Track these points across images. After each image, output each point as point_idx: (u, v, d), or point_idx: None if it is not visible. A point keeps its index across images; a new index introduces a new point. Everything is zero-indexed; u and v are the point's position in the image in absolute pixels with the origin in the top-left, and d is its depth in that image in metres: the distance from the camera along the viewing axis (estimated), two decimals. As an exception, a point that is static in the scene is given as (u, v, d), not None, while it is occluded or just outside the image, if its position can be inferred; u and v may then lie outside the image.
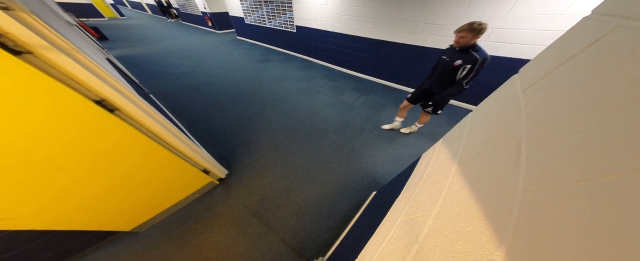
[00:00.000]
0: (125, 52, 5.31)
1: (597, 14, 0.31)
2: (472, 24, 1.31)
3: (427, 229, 0.46)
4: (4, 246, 0.98)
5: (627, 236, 0.17)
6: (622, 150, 0.19)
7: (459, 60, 1.44)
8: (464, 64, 1.42)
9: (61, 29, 1.01)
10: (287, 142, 2.33)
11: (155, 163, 1.23)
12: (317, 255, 1.35)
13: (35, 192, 0.89)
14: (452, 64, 1.48)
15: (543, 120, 0.32)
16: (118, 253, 1.34)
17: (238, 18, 6.56)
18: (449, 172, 0.54)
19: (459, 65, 1.44)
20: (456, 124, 0.73)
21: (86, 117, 0.86)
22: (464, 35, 1.36)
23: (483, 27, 1.30)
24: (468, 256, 0.32)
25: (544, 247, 0.23)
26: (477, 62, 1.36)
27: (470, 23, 1.32)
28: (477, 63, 1.36)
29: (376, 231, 0.76)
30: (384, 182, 1.83)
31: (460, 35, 1.37)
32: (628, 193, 0.18)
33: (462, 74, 1.46)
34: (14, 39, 0.64)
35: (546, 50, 0.41)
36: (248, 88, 3.59)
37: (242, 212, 1.59)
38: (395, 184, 1.11)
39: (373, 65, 3.89)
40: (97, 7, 9.47)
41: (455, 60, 1.46)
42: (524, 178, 0.30)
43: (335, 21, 3.87)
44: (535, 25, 2.14)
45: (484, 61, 1.36)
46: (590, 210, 0.20)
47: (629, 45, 0.23)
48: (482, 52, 1.37)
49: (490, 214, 0.33)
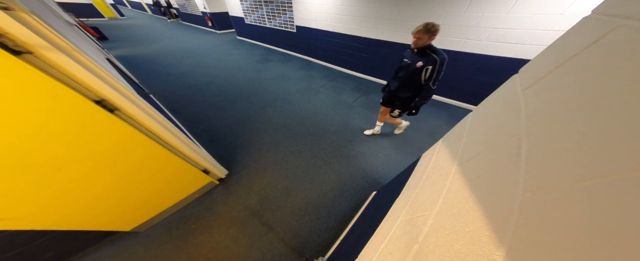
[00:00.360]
0: (125, 52, 5.31)
1: (597, 14, 0.31)
2: (428, 25, 1.34)
3: (427, 229, 0.46)
4: (4, 246, 0.98)
5: (627, 237, 0.17)
6: (622, 150, 0.19)
7: (420, 62, 1.46)
8: (425, 65, 1.45)
9: (61, 29, 1.01)
10: (287, 142, 2.33)
11: (155, 163, 1.23)
12: (317, 255, 1.35)
13: (35, 192, 0.89)
14: (414, 66, 1.50)
15: (543, 120, 0.32)
16: (118, 253, 1.34)
17: (238, 18, 6.56)
18: (449, 172, 0.54)
19: (421, 66, 1.47)
20: (456, 124, 0.73)
21: (86, 117, 0.86)
22: (421, 37, 1.38)
23: (437, 29, 1.34)
24: (468, 256, 0.32)
25: (544, 247, 0.23)
26: (437, 63, 1.40)
27: (425, 24, 1.35)
28: (438, 64, 1.40)
29: (376, 231, 0.76)
30: (384, 182, 1.83)
31: (417, 36, 1.39)
32: (628, 193, 0.18)
33: (427, 76, 1.49)
34: (14, 39, 0.64)
35: (546, 50, 0.41)
36: (248, 88, 3.59)
37: (242, 212, 1.59)
38: (395, 184, 1.11)
39: (373, 65, 3.89)
40: (97, 7, 9.47)
41: (417, 62, 1.48)
42: (524, 178, 0.30)
43: (335, 21, 3.87)
44: (535, 25, 2.14)
45: (443, 61, 1.40)
46: (590, 210, 0.20)
47: (629, 45, 0.23)
48: (440, 53, 1.41)
49: (490, 214, 0.33)
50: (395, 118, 2.09)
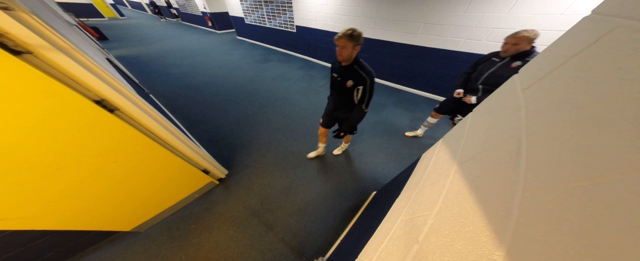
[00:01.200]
0: (125, 52, 5.31)
1: (597, 14, 0.31)
2: (352, 31, 1.04)
3: (427, 229, 0.46)
4: (4, 246, 0.99)
5: (627, 236, 0.17)
6: (622, 150, 0.19)
7: (350, 81, 1.19)
8: (356, 85, 1.19)
9: (61, 29, 1.01)
10: (287, 142, 2.33)
11: (155, 163, 1.23)
12: (317, 255, 1.35)
13: (35, 192, 0.89)
14: (344, 85, 1.23)
15: (543, 120, 0.32)
16: (118, 253, 1.34)
17: (238, 18, 6.56)
18: (449, 172, 0.54)
19: (352, 86, 1.20)
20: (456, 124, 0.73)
21: (86, 117, 0.86)
22: (345, 45, 1.06)
23: (361, 34, 1.08)
24: (468, 256, 0.32)
25: (544, 247, 0.23)
26: (367, 83, 1.16)
27: (349, 29, 1.04)
28: (368, 83, 1.16)
29: (376, 232, 0.76)
30: (384, 182, 1.83)
31: (341, 44, 1.06)
32: (628, 193, 0.18)
33: (358, 96, 1.24)
34: (14, 39, 0.64)
35: (546, 50, 0.41)
36: (248, 88, 3.59)
37: (242, 212, 1.59)
38: (395, 184, 1.11)
39: (373, 65, 3.89)
40: (97, 7, 9.48)
41: (346, 80, 1.21)
42: (524, 178, 0.30)
43: (335, 21, 3.87)
44: (535, 25, 2.13)
45: (373, 81, 1.17)
46: (590, 210, 0.20)
47: (629, 45, 0.23)
48: (368, 69, 1.15)
49: (490, 214, 0.33)
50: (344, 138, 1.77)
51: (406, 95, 3.49)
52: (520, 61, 1.39)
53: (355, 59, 1.15)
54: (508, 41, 1.37)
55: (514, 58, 1.40)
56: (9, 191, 0.82)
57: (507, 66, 1.43)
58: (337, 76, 1.26)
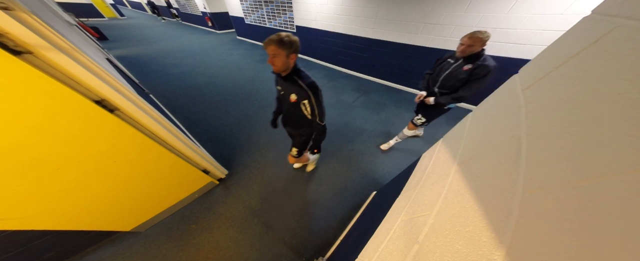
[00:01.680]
0: (125, 52, 5.31)
1: (597, 14, 0.31)
2: (279, 36, 0.87)
3: (427, 229, 0.46)
4: (4, 246, 0.99)
5: (627, 236, 0.17)
6: (622, 150, 0.19)
7: (293, 95, 1.03)
8: (300, 99, 1.03)
9: (61, 29, 1.01)
10: (287, 142, 2.32)
11: (155, 163, 1.23)
12: (317, 255, 1.35)
13: (35, 192, 0.89)
14: (288, 99, 1.06)
15: (543, 120, 0.32)
16: (118, 253, 1.34)
17: (238, 18, 6.56)
18: (449, 172, 0.54)
19: (296, 100, 1.04)
20: (456, 124, 0.73)
21: (86, 117, 0.86)
22: (276, 52, 0.88)
23: (294, 41, 0.90)
24: (468, 256, 0.32)
25: (544, 247, 0.23)
26: (310, 97, 0.99)
27: (279, 34, 0.88)
28: (311, 97, 0.99)
29: (376, 232, 0.76)
30: (384, 182, 1.83)
31: (271, 52, 0.88)
32: (628, 193, 0.18)
33: (308, 110, 1.06)
34: (14, 39, 0.64)
35: (546, 50, 0.41)
36: (248, 88, 3.59)
37: (242, 212, 1.59)
38: (395, 184, 1.11)
39: (373, 65, 3.89)
40: (97, 7, 9.48)
41: (289, 93, 1.04)
42: (524, 178, 0.30)
43: (335, 21, 3.87)
44: (535, 25, 2.14)
45: (316, 91, 0.99)
46: (590, 210, 0.20)
47: (629, 45, 0.23)
48: (309, 80, 0.99)
49: (490, 214, 0.33)
50: (300, 158, 1.53)
51: (406, 95, 3.49)
52: (471, 64, 1.35)
53: (293, 69, 0.98)
54: (464, 42, 1.31)
55: (466, 60, 1.37)
56: (9, 191, 0.82)
57: (460, 68, 1.40)
58: (280, 89, 1.10)
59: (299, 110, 1.09)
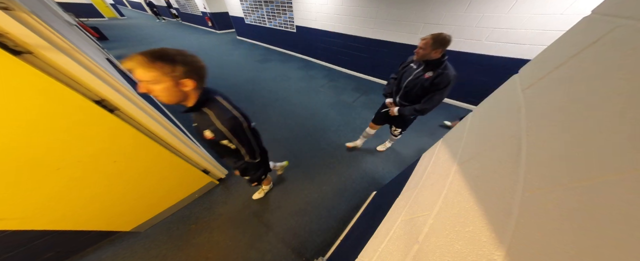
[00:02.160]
0: (125, 52, 5.30)
1: (597, 14, 0.31)
2: (155, 52, 0.55)
3: (427, 229, 0.46)
4: (4, 246, 0.99)
5: (627, 237, 0.17)
6: (622, 150, 0.19)
7: (208, 131, 0.75)
8: (219, 139, 0.76)
9: (61, 29, 1.01)
10: (287, 142, 2.32)
11: (155, 163, 1.23)
12: (317, 255, 1.35)
13: (35, 192, 0.89)
14: (203, 136, 0.78)
15: (543, 120, 0.32)
16: (118, 253, 1.34)
17: (238, 18, 6.55)
18: (449, 172, 0.54)
19: (214, 140, 0.77)
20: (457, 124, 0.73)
21: (86, 117, 0.86)
22: (152, 79, 0.55)
23: (196, 61, 0.63)
24: (468, 256, 0.32)
25: (544, 247, 0.23)
26: (224, 134, 0.74)
27: (151, 51, 0.54)
28: (232, 138, 0.76)
29: (376, 232, 0.76)
30: (384, 182, 1.83)
31: (145, 79, 0.55)
32: (628, 193, 0.18)
33: (234, 147, 0.83)
34: (14, 39, 0.64)
35: (546, 50, 0.41)
36: (248, 88, 3.59)
37: (242, 212, 1.59)
38: (395, 184, 1.11)
39: (373, 65, 3.89)
40: (97, 7, 9.46)
41: (203, 129, 0.77)
42: (524, 178, 0.30)
43: (335, 21, 3.87)
44: (535, 25, 2.13)
45: (235, 126, 0.76)
46: (590, 210, 0.20)
47: (629, 45, 0.23)
48: (225, 113, 0.73)
49: (490, 214, 0.33)
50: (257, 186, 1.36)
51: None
52: (432, 72, 1.22)
53: (200, 99, 0.68)
54: (420, 45, 1.17)
55: (427, 67, 1.24)
56: (9, 191, 0.82)
57: (422, 75, 1.26)
58: (196, 125, 0.81)
59: (219, 146, 0.82)
